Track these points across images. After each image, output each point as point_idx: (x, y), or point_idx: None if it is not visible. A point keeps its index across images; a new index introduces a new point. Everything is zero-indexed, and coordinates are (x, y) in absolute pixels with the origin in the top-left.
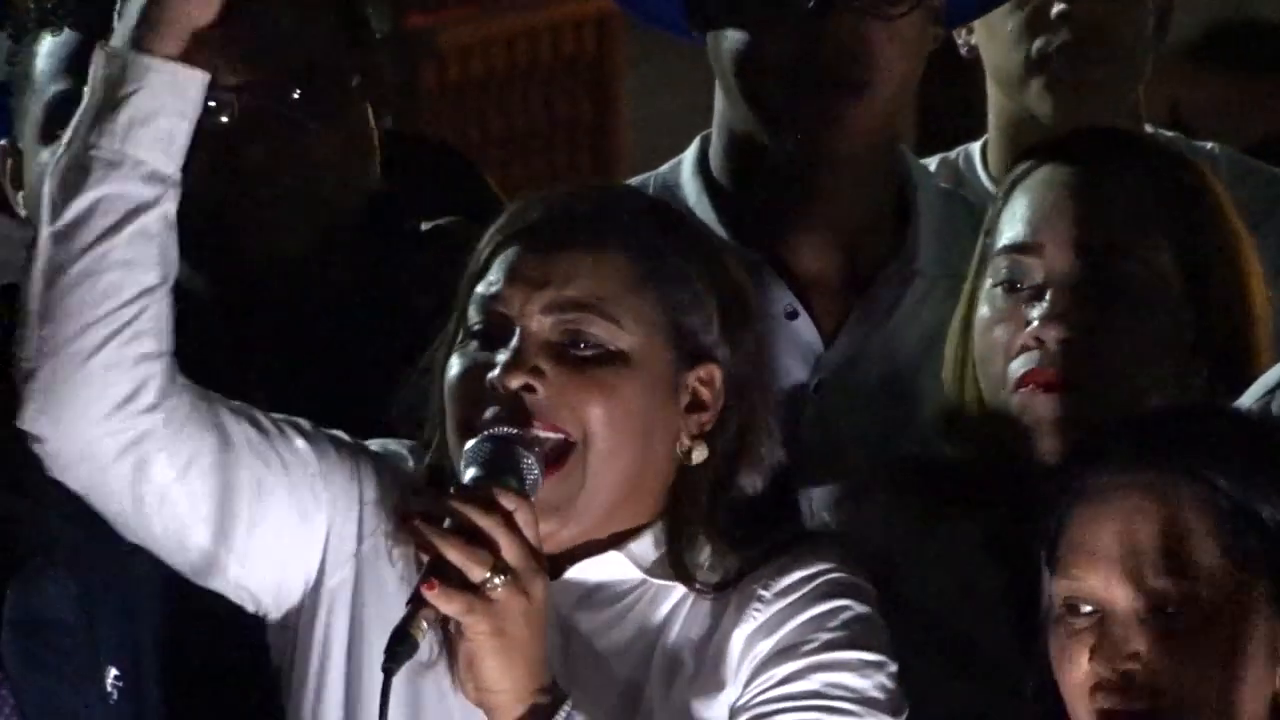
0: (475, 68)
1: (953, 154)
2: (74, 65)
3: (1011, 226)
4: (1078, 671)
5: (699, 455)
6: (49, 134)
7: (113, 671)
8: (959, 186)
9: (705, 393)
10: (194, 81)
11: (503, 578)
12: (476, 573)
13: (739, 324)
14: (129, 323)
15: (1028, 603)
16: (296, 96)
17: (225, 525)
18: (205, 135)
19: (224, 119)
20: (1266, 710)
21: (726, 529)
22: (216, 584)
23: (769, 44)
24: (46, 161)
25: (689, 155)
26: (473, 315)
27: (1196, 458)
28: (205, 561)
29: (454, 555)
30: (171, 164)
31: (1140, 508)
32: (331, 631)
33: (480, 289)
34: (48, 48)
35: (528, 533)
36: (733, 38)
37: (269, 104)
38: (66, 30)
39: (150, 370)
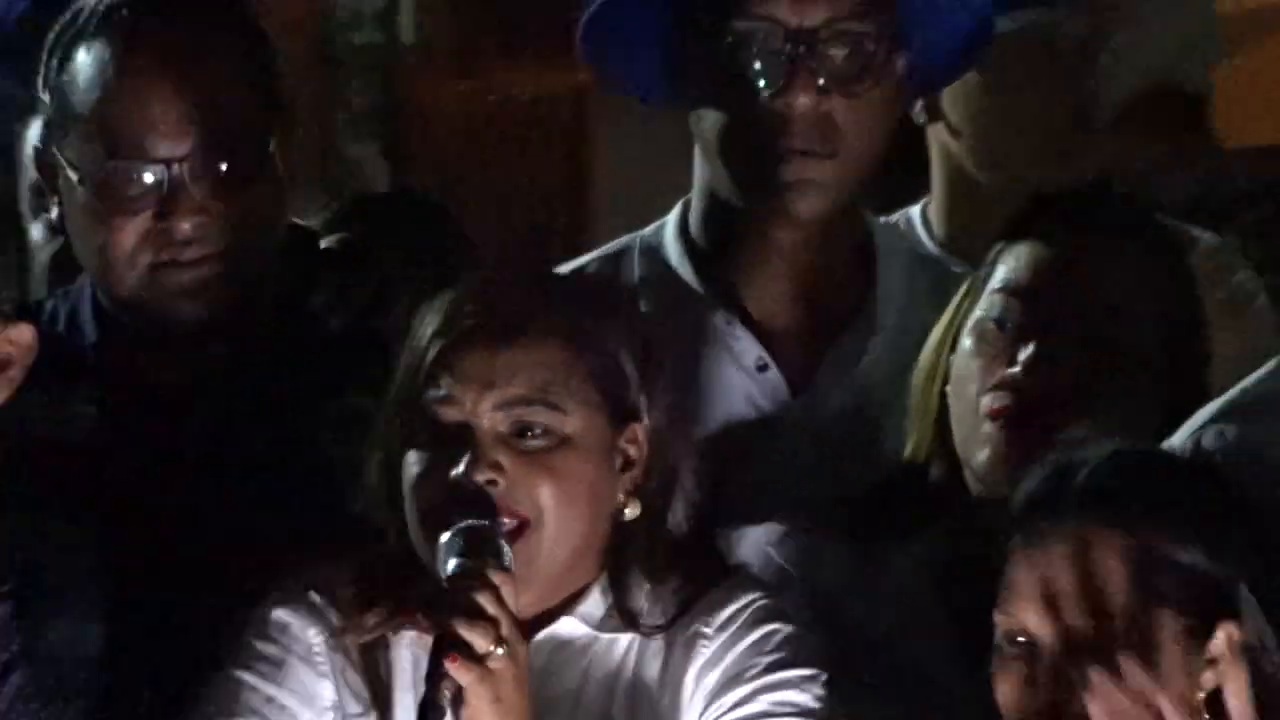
0: (457, 128)
1: (894, 217)
2: None
3: (1014, 270)
4: (1012, 697)
5: (632, 512)
6: None
7: None
8: (899, 249)
9: (633, 450)
10: None
11: (503, 648)
12: (482, 645)
13: (654, 377)
14: None
15: (973, 625)
16: (223, 167)
17: None
18: (135, 203)
19: (157, 191)
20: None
21: (662, 572)
22: None
23: (744, 120)
24: None
25: (672, 218)
26: (421, 416)
27: (1120, 509)
28: None
29: (466, 633)
30: None
31: (1065, 555)
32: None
33: (431, 392)
34: None
35: (511, 605)
36: (712, 112)
37: (199, 174)
38: None
39: None
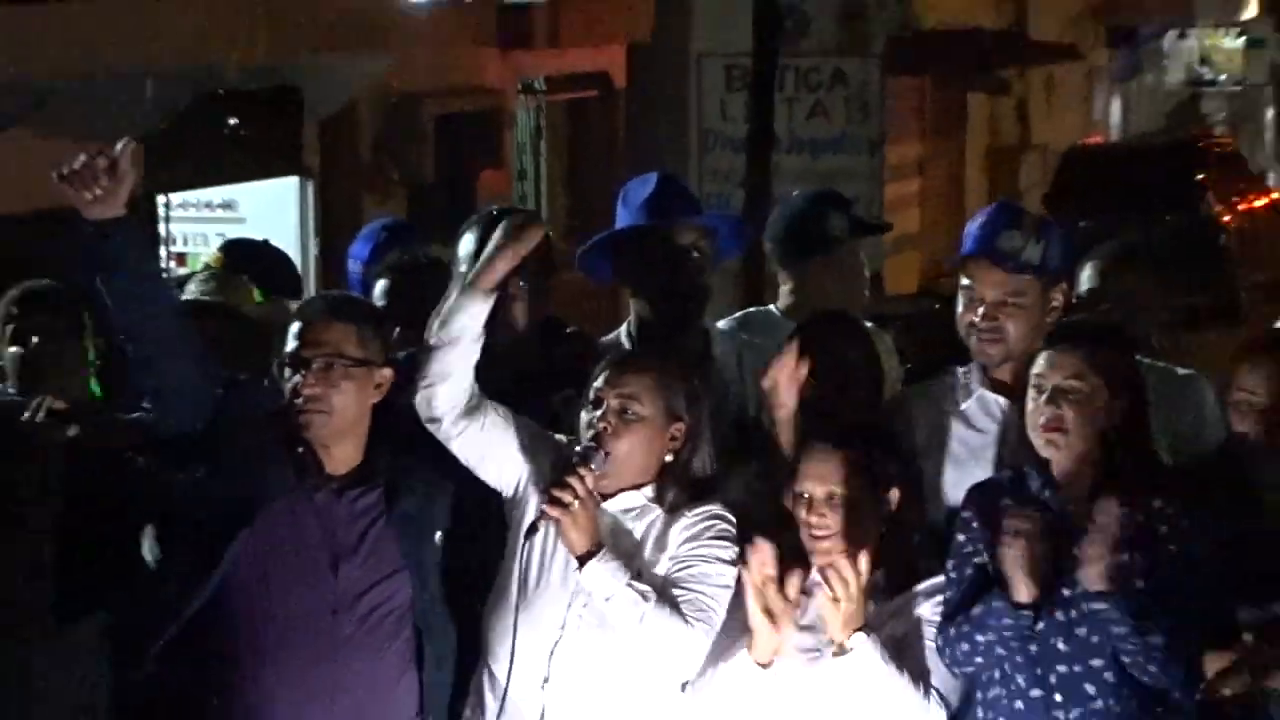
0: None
1: (761, 309)
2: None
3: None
4: (804, 534)
5: (670, 460)
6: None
7: (439, 534)
8: (768, 326)
9: (677, 434)
10: (490, 301)
11: (579, 502)
12: (567, 499)
13: (694, 401)
14: (461, 369)
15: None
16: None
17: (478, 431)
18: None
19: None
20: (879, 532)
21: (681, 487)
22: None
23: (654, 285)
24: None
25: (623, 330)
26: (590, 396)
27: (847, 439)
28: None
29: (558, 493)
30: (479, 325)
31: (828, 456)
32: (525, 515)
33: (594, 385)
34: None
35: (590, 485)
36: (635, 278)
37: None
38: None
39: (465, 386)
